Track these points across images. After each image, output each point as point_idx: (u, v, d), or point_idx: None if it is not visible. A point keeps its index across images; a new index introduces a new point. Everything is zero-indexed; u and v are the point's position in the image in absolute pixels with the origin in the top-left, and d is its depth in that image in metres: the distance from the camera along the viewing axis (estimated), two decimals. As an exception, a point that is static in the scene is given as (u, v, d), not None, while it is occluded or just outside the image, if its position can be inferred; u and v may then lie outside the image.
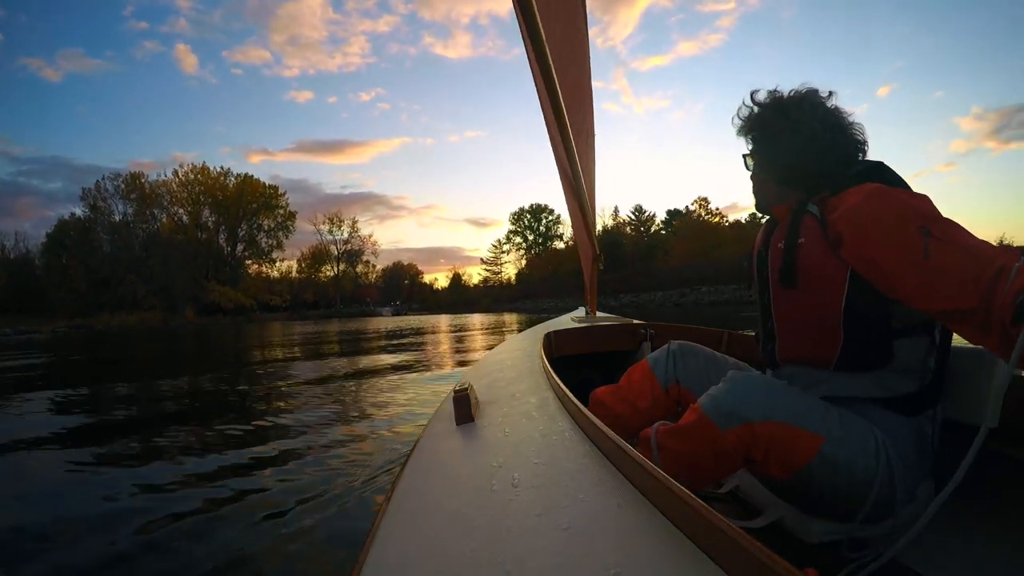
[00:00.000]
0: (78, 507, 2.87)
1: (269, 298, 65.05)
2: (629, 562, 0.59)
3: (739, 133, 1.39)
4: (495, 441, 1.11)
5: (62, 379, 9.13)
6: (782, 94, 1.30)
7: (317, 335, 20.37)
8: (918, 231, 0.97)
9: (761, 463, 1.13)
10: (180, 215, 62.85)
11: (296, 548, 2.24)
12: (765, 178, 1.37)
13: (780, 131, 1.27)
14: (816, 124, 1.23)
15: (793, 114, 1.25)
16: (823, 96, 1.27)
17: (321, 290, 75.86)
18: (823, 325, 1.18)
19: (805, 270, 1.19)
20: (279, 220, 68.69)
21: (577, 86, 2.91)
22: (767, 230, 1.39)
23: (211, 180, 64.22)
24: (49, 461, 3.87)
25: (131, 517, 2.65)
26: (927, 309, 0.97)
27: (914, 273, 0.97)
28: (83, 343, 22.34)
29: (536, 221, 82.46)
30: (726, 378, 1.20)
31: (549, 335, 2.71)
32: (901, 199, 1.04)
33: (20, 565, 2.24)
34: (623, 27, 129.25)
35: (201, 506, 2.76)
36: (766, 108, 1.31)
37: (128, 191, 59.92)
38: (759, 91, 1.34)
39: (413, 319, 38.43)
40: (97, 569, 2.17)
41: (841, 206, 1.13)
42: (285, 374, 8.43)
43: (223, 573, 2.08)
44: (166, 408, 5.96)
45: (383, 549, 0.77)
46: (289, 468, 3.34)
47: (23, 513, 2.84)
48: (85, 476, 3.44)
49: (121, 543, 2.38)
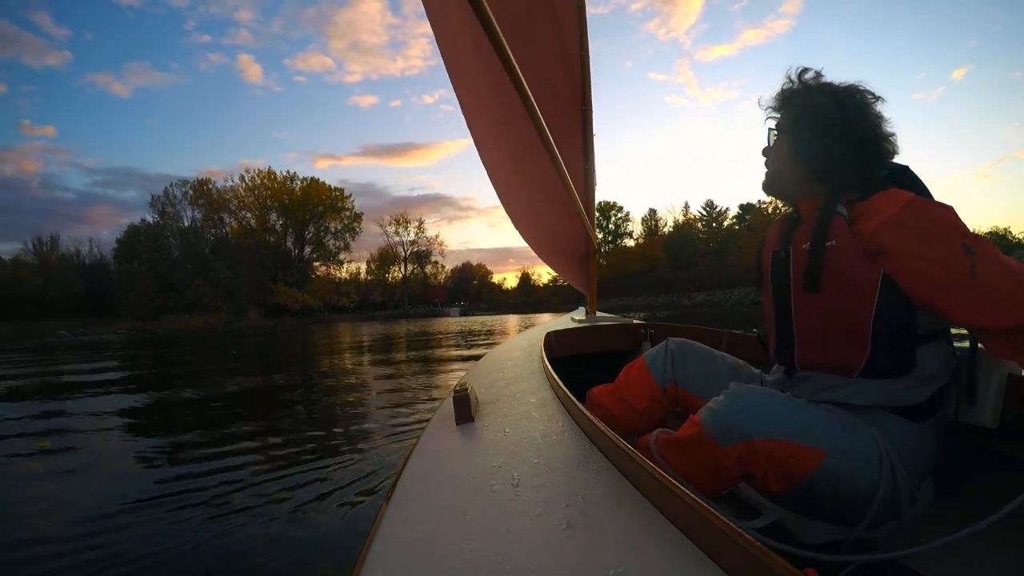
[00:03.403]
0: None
1: (337, 299, 63.42)
2: (629, 562, 0.58)
3: (775, 104, 1.27)
4: (495, 441, 1.10)
5: (80, 383, 8.51)
6: (835, 84, 1.21)
7: (383, 336, 19.23)
8: (962, 249, 0.97)
9: (760, 479, 1.09)
10: (248, 219, 61.89)
11: (296, 548, 2.23)
12: (794, 163, 1.25)
13: (831, 122, 1.16)
14: (868, 127, 1.16)
15: (850, 110, 1.16)
16: (872, 96, 1.19)
17: (389, 291, 74.19)
18: (851, 332, 1.12)
19: (834, 274, 1.13)
20: (345, 222, 66.67)
21: (553, 82, 3.04)
22: (785, 228, 1.29)
23: (277, 184, 63.01)
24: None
25: (130, 515, 2.67)
26: (967, 323, 0.98)
27: (961, 290, 0.96)
28: (135, 345, 21.25)
29: (605, 219, 76.67)
30: (727, 391, 1.14)
31: (549, 335, 2.59)
32: (940, 212, 1.03)
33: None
34: (684, 17, 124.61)
35: (200, 504, 2.77)
36: (819, 93, 1.20)
37: (196, 197, 59.26)
38: (809, 71, 1.23)
39: (481, 319, 37.41)
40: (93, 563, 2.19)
41: (875, 214, 1.07)
42: (336, 375, 8.29)
43: (223, 572, 2.07)
44: (184, 407, 5.91)
45: (383, 549, 0.74)
46: (290, 467, 3.33)
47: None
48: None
49: (119, 538, 2.40)
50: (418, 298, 75.83)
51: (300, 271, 62.70)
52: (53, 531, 2.55)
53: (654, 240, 70.39)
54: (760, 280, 1.38)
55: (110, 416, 5.44)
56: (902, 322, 1.08)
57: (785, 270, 1.24)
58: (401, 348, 13.39)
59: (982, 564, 1.10)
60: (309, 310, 56.85)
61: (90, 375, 9.74)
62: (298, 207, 62.78)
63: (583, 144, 3.54)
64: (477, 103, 2.12)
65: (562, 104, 3.24)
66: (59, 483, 3.33)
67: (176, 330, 40.24)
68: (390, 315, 61.08)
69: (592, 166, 3.62)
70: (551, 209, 3.13)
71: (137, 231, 57.75)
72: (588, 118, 3.53)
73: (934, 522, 1.14)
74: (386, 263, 74.98)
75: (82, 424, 5.10)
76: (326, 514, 2.54)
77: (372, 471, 3.16)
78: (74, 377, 9.49)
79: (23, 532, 2.55)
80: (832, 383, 1.17)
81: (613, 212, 77.25)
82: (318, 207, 64.09)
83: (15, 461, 3.90)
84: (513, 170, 2.72)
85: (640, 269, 62.87)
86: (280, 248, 62.81)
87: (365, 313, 63.45)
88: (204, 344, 19.73)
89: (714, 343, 2.22)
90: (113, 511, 2.72)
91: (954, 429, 1.20)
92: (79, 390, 7.56)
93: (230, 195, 60.98)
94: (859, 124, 1.15)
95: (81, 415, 5.56)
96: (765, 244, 1.37)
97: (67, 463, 3.74)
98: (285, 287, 57.25)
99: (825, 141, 1.17)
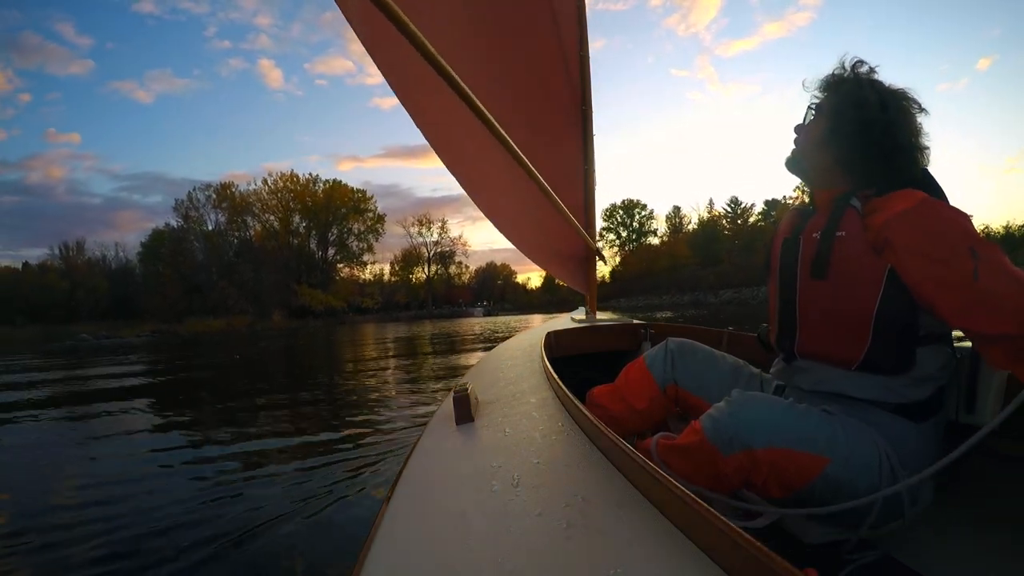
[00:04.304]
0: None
1: (360, 300, 62.90)
2: (629, 562, 0.58)
3: (822, 89, 1.25)
4: (495, 441, 1.10)
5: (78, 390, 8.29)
6: (885, 84, 1.19)
7: (406, 337, 18.51)
8: (968, 251, 0.96)
9: (761, 486, 1.08)
10: (271, 222, 61.66)
11: (296, 548, 2.20)
12: (824, 148, 1.22)
13: (873, 120, 1.14)
14: (906, 134, 1.15)
15: (893, 114, 1.14)
16: (919, 108, 1.17)
17: (413, 292, 73.30)
18: (852, 323, 1.12)
19: (840, 263, 1.13)
20: (368, 223, 65.97)
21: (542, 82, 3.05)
22: (798, 218, 1.30)
23: (300, 186, 62.54)
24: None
25: (129, 511, 2.71)
26: (965, 328, 0.97)
27: (961, 293, 0.96)
28: (152, 348, 20.82)
29: (629, 217, 75.32)
30: (729, 399, 1.13)
31: (549, 335, 2.56)
32: (952, 215, 1.02)
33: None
34: (704, 12, 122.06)
35: (200, 503, 2.76)
36: (869, 88, 1.18)
37: (219, 200, 59.12)
38: (864, 64, 1.21)
39: (504, 319, 36.89)
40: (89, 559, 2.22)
41: (887, 210, 1.07)
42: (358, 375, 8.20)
43: (223, 572, 2.06)
44: (183, 407, 5.95)
45: (383, 549, 0.74)
46: (290, 468, 3.32)
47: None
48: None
49: (115, 535, 2.42)
50: (442, 298, 74.64)
51: (324, 273, 62.32)
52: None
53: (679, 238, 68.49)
54: (768, 267, 1.36)
55: (81, 422, 5.38)
56: (905, 320, 1.07)
57: (794, 257, 1.24)
58: (423, 347, 13.29)
59: (982, 564, 1.07)
60: (333, 311, 56.54)
61: (86, 381, 9.42)
62: (321, 209, 62.31)
63: (583, 144, 3.48)
64: (447, 118, 2.18)
65: (561, 104, 3.25)
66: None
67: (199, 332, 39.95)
68: (414, 316, 59.71)
69: (592, 166, 3.56)
70: (546, 212, 2.97)
71: (161, 235, 57.83)
72: (588, 118, 3.47)
73: (934, 522, 1.15)
74: (410, 264, 73.97)
75: (51, 432, 4.98)
76: (326, 514, 2.51)
77: (374, 471, 3.13)
78: (76, 384, 9.21)
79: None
80: (830, 375, 1.17)
81: (637, 210, 75.52)
82: (341, 209, 63.52)
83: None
84: (501, 177, 2.72)
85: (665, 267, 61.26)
86: (304, 250, 62.54)
87: (389, 314, 62.51)
88: (223, 347, 19.34)
89: (714, 343, 2.14)
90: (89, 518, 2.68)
91: (954, 429, 1.18)
92: (66, 396, 7.34)
93: (253, 198, 60.88)
94: (899, 129, 1.13)
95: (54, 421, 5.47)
96: (777, 232, 1.36)
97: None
98: (309, 289, 56.99)
99: (861, 137, 1.15)
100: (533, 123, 2.96)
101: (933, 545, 1.12)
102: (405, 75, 1.90)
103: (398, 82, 1.88)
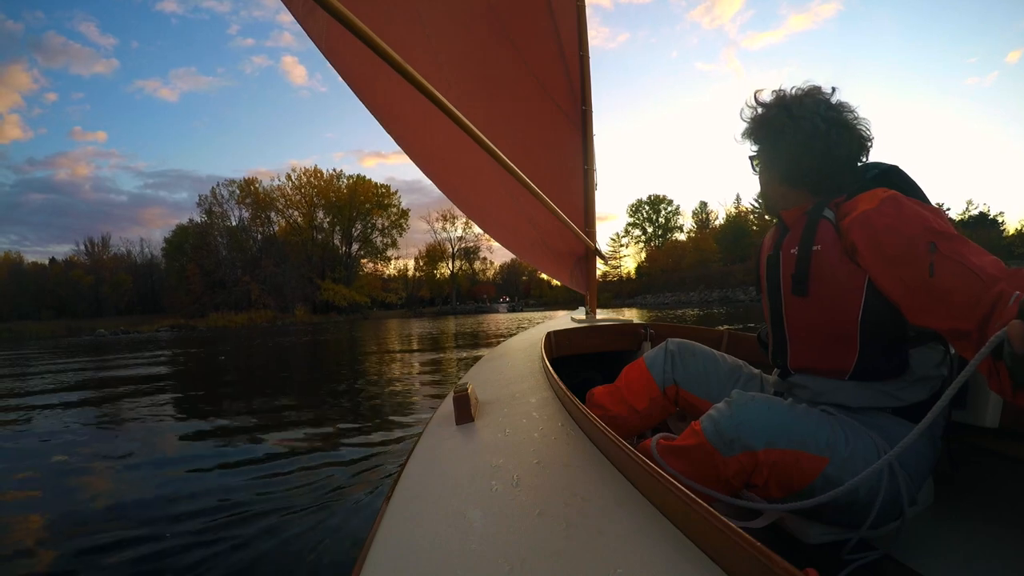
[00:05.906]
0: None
1: (384, 296, 61.44)
2: (629, 562, 0.57)
3: (744, 136, 1.28)
4: (495, 441, 1.09)
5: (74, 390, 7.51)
6: (785, 92, 1.21)
7: (430, 334, 17.18)
8: (926, 247, 0.93)
9: (762, 487, 1.07)
10: (295, 217, 60.38)
11: (296, 548, 2.13)
12: (770, 178, 1.27)
13: (783, 128, 1.17)
14: (818, 120, 1.14)
15: (795, 111, 1.16)
16: (826, 93, 1.18)
17: (437, 287, 71.78)
18: (839, 335, 1.11)
19: (820, 278, 1.11)
20: (392, 219, 64.24)
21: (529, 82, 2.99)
22: (778, 233, 1.28)
23: (323, 182, 61.25)
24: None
25: (128, 509, 2.58)
26: (926, 324, 0.94)
27: (917, 290, 0.93)
28: (167, 344, 19.95)
29: (655, 212, 72.63)
30: (729, 400, 1.12)
31: (549, 335, 2.48)
32: (914, 210, 0.99)
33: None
34: (729, 4, 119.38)
35: (199, 503, 2.63)
36: (770, 107, 1.21)
37: (243, 196, 58.04)
38: (763, 91, 1.24)
39: (528, 315, 35.63)
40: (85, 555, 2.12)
41: (852, 212, 1.06)
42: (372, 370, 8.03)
43: (223, 572, 1.98)
44: (187, 401, 5.87)
45: (384, 548, 0.74)
46: (291, 468, 3.16)
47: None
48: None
49: (112, 533, 2.30)
50: (466, 294, 73.35)
51: (348, 268, 60.99)
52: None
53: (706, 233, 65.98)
54: (758, 283, 1.33)
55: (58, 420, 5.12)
56: (891, 324, 1.04)
57: (777, 274, 1.22)
58: (447, 342, 12.91)
59: (982, 564, 1.06)
60: (356, 307, 55.39)
61: (86, 376, 9.01)
62: (345, 204, 60.91)
63: (583, 144, 3.35)
64: (427, 126, 2.20)
65: (561, 105, 3.18)
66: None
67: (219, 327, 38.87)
68: (438, 311, 58.63)
69: (592, 166, 3.43)
70: (543, 213, 2.87)
71: (185, 231, 57.00)
72: (588, 118, 3.35)
73: (934, 522, 1.14)
74: (434, 259, 72.22)
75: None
76: (326, 514, 2.41)
77: (375, 471, 3.02)
78: (69, 377, 8.96)
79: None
80: (826, 387, 1.15)
81: (663, 205, 72.77)
82: (365, 204, 62.03)
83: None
84: (491, 179, 2.72)
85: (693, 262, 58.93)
86: (328, 245, 61.32)
87: (413, 309, 61.57)
88: (238, 343, 18.45)
89: (714, 343, 2.15)
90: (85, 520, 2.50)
91: (954, 429, 1.18)
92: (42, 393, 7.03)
93: (277, 194, 59.72)
94: (808, 121, 1.13)
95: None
96: (761, 248, 1.33)
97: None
98: (333, 284, 55.83)
99: (785, 146, 1.17)
100: (532, 124, 2.97)
101: (933, 545, 1.12)
102: (378, 86, 1.98)
103: (365, 90, 1.98)
